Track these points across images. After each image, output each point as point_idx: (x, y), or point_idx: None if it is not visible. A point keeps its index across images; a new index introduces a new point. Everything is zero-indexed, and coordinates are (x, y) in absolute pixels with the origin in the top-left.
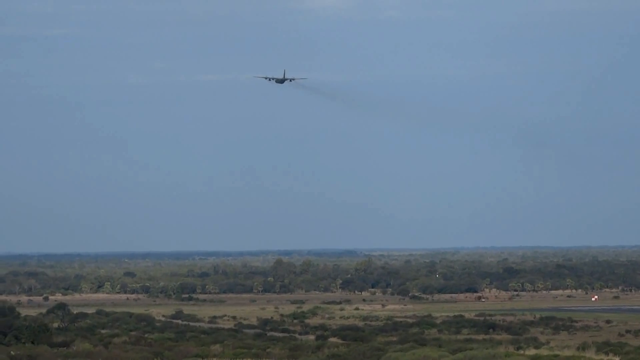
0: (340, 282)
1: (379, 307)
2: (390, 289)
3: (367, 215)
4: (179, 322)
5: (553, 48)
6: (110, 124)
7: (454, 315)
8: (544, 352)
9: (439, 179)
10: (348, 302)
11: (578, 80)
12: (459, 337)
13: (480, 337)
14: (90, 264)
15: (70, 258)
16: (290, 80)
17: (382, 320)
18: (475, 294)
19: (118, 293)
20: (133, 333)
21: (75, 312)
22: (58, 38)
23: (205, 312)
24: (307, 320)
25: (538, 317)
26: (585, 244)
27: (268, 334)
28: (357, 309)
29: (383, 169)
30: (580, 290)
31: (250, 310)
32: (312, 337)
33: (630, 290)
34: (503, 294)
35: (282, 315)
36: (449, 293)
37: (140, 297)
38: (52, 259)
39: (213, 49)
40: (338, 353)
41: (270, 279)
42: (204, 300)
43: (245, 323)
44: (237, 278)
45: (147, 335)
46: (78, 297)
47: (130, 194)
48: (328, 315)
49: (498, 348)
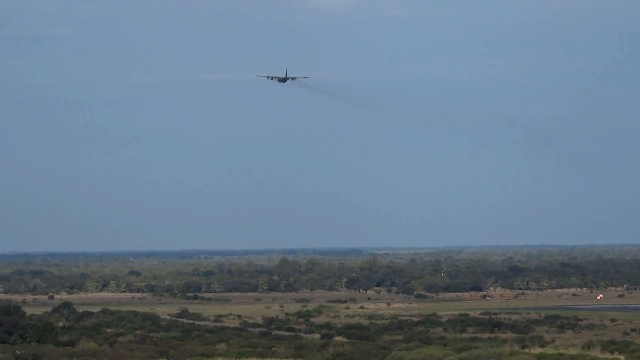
0: (346, 280)
1: (384, 305)
2: (395, 288)
3: (372, 214)
4: (184, 321)
5: (556, 47)
6: (114, 124)
7: (459, 314)
8: (549, 350)
9: (444, 178)
10: (353, 300)
11: (582, 80)
12: (464, 335)
13: (486, 335)
14: (96, 263)
15: (76, 257)
16: (292, 79)
17: (387, 319)
18: (480, 293)
19: (123, 292)
20: (138, 332)
21: (81, 311)
22: (62, 38)
23: (211, 310)
24: (312, 319)
25: (543, 315)
26: (590, 243)
27: (273, 333)
28: (362, 308)
29: (388, 168)
30: (585, 289)
31: (256, 309)
32: (317, 335)
33: (635, 289)
34: (508, 293)
35: (287, 314)
36: (454, 292)
37: (146, 295)
38: (57, 258)
39: (217, 49)
40: (343, 352)
41: (276, 278)
42: (209, 299)
43: (251, 322)
44: (242, 277)
45: (152, 334)
46: (83, 296)
47: (135, 193)
48: (333, 314)
49: (503, 347)
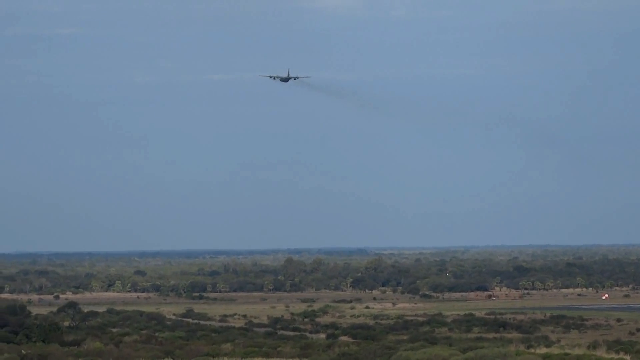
0: (351, 280)
1: (390, 305)
2: (401, 288)
3: (377, 214)
4: (190, 320)
5: (559, 46)
6: (120, 123)
7: (465, 314)
8: (555, 350)
9: (449, 178)
10: (358, 300)
11: (586, 79)
12: (470, 335)
13: (491, 335)
14: (101, 263)
15: (81, 257)
16: (295, 79)
17: (392, 319)
18: (486, 293)
19: (129, 292)
20: (144, 332)
21: (86, 310)
22: (65, 37)
23: (216, 310)
24: (317, 319)
25: (548, 315)
26: (596, 243)
27: (279, 333)
28: (367, 308)
29: (393, 168)
30: (591, 289)
31: (261, 309)
32: (322, 335)
33: None
34: (513, 293)
35: (292, 314)
36: (460, 291)
37: (151, 295)
38: (62, 258)
39: (221, 49)
40: (349, 352)
41: (281, 278)
42: (215, 299)
43: (256, 322)
44: (247, 277)
45: (157, 334)
46: (89, 295)
47: (140, 193)
48: (339, 314)
49: (509, 347)
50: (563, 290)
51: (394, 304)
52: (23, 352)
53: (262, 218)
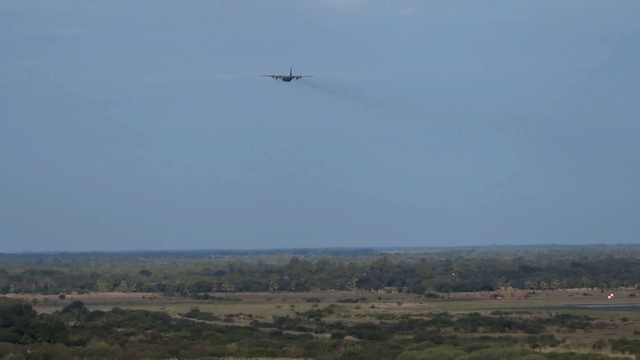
0: (356, 280)
1: (395, 305)
2: (406, 287)
3: (383, 214)
4: (195, 320)
5: (566, 46)
6: (126, 123)
7: (470, 314)
8: (560, 350)
9: (455, 177)
10: (364, 300)
11: (592, 78)
12: (475, 335)
13: (496, 335)
14: (106, 263)
15: (86, 257)
16: (297, 78)
17: (398, 319)
18: (491, 292)
19: (134, 291)
20: (149, 331)
21: (91, 310)
22: (73, 37)
23: (221, 310)
24: (323, 319)
25: (554, 315)
26: (601, 242)
27: (284, 333)
28: (373, 307)
29: (399, 167)
30: (596, 288)
31: (266, 309)
32: (328, 335)
33: None
34: (519, 292)
35: (298, 314)
36: (465, 291)
37: (156, 295)
38: (68, 258)
39: (227, 48)
40: (354, 351)
41: (286, 277)
42: (220, 299)
43: (261, 321)
44: (253, 276)
45: (163, 334)
46: (94, 295)
47: (146, 193)
48: (344, 314)
49: (514, 346)
50: (568, 290)
51: (400, 304)
52: (28, 351)
53: (267, 218)
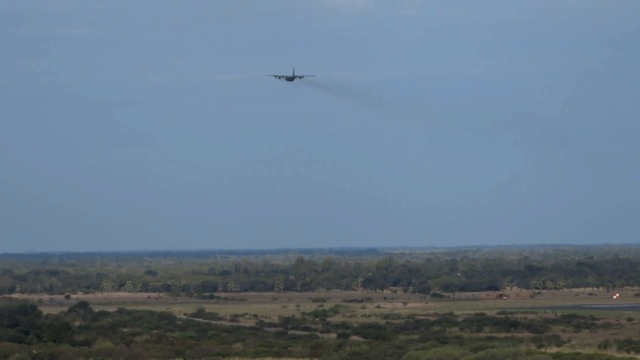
0: (362, 280)
1: (401, 305)
2: (412, 287)
3: (388, 214)
4: (201, 320)
5: (567, 46)
6: (131, 123)
7: (476, 314)
8: (566, 350)
9: (460, 177)
10: (369, 300)
11: (594, 79)
12: (481, 335)
13: (502, 335)
14: (112, 263)
15: (92, 257)
16: (300, 78)
17: (403, 319)
18: (497, 292)
19: (139, 291)
20: (154, 331)
21: (97, 310)
22: (77, 37)
23: (227, 310)
24: (328, 319)
25: (559, 315)
26: (607, 242)
27: (289, 332)
28: (378, 307)
29: (404, 167)
30: (602, 288)
31: (272, 309)
32: (333, 335)
33: None
34: (524, 292)
35: (303, 314)
36: (470, 291)
37: (162, 295)
38: (73, 258)
39: (231, 48)
40: (359, 351)
41: (292, 277)
42: (226, 299)
43: (267, 321)
44: (258, 276)
45: (168, 334)
46: (99, 295)
47: (152, 193)
48: (349, 314)
49: (520, 346)
50: (574, 290)
51: (405, 304)
52: (34, 351)
53: (273, 218)
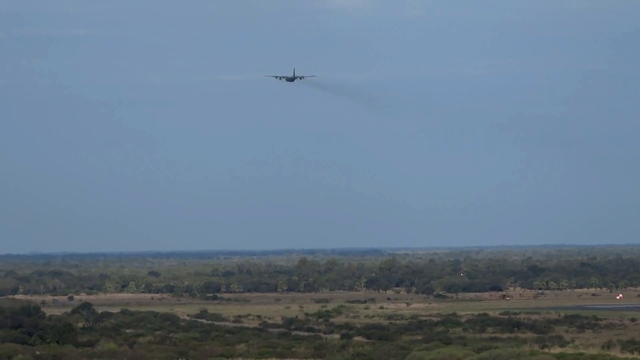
0: (365, 280)
1: (404, 305)
2: (415, 288)
3: (391, 214)
4: (204, 321)
5: (569, 47)
6: (134, 123)
7: (479, 314)
8: (569, 350)
9: (463, 178)
10: (373, 300)
11: (596, 79)
12: (484, 335)
13: (505, 335)
14: (115, 264)
15: (95, 258)
16: (300, 79)
17: (406, 319)
18: (500, 293)
19: (142, 292)
20: (158, 332)
21: (100, 311)
22: (80, 38)
23: (230, 311)
24: (331, 319)
25: (563, 315)
26: (610, 242)
27: (293, 333)
28: (381, 308)
29: (407, 167)
30: (605, 289)
31: (275, 309)
32: (337, 336)
33: None
34: (527, 293)
35: (306, 314)
36: (474, 291)
37: (165, 296)
38: (76, 259)
39: (233, 49)
40: (363, 352)
41: (295, 278)
42: (229, 300)
43: (270, 322)
44: (261, 277)
45: (171, 335)
46: (103, 296)
47: (154, 194)
48: (353, 314)
49: (523, 346)
50: (577, 290)
51: (408, 304)
52: (37, 353)
53: (276, 218)
